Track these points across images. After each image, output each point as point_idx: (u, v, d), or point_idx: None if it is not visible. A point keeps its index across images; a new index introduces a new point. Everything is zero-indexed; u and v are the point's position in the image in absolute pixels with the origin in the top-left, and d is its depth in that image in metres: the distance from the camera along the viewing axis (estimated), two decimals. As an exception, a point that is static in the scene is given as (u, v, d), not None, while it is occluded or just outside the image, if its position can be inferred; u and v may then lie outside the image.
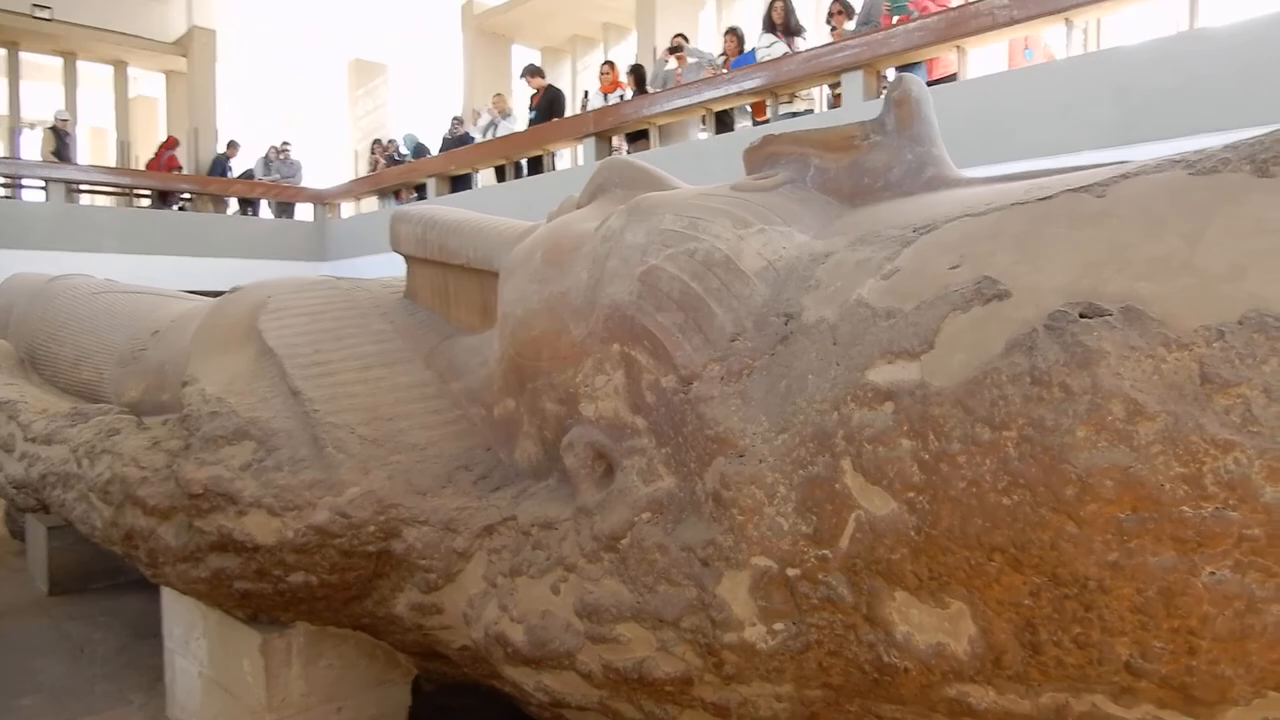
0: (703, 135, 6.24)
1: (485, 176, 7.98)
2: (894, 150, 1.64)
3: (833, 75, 5.33)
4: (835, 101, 5.52)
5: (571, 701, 1.77)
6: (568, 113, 7.00)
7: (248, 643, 2.34)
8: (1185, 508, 1.02)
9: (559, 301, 1.91)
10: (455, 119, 9.72)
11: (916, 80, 1.65)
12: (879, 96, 4.57)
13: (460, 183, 8.12)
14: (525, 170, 7.43)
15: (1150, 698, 1.12)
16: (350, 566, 2.05)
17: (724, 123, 6.05)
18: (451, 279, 2.60)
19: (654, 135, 6.40)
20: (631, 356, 1.70)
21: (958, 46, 5.06)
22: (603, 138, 6.30)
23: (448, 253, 2.56)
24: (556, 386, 1.90)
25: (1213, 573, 1.03)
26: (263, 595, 2.17)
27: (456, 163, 8.01)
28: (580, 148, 6.88)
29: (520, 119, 7.77)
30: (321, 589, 2.09)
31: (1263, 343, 1.00)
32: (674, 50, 7.00)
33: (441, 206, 2.80)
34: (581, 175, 6.15)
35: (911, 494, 1.24)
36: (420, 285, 2.69)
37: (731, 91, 5.72)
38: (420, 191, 8.62)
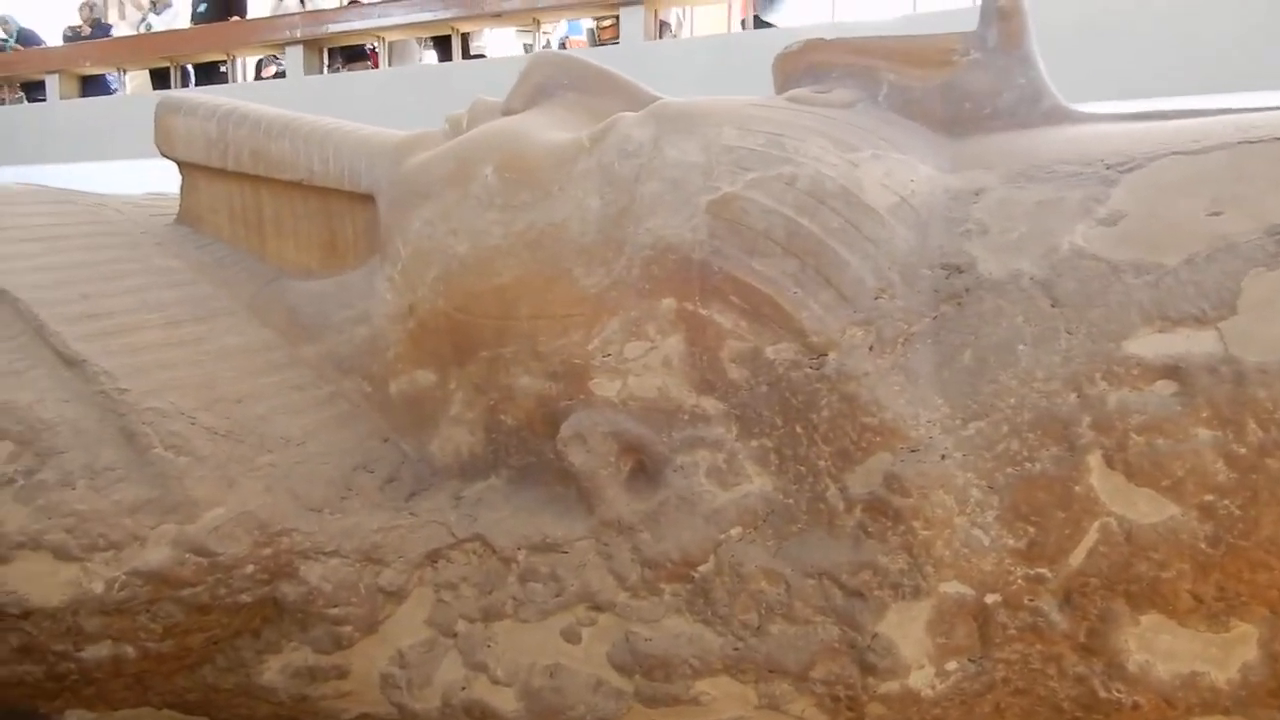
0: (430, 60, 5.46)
1: (136, 82, 6.25)
2: (1001, 71, 1.36)
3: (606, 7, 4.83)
4: (602, 37, 5.07)
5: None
6: (259, 12, 5.60)
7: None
8: None
9: (548, 237, 1.37)
10: (87, 3, 7.43)
11: (1020, -11, 1.38)
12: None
13: (93, 86, 6.27)
14: (193, 78, 5.94)
15: None
16: (202, 627, 1.34)
17: (446, 49, 5.27)
18: (271, 200, 1.84)
19: (384, 52, 5.40)
20: (700, 316, 1.25)
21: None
22: (313, 49, 5.17)
23: (268, 162, 1.80)
24: (544, 355, 1.37)
25: None
26: (22, 683, 1.36)
27: (96, 58, 6.10)
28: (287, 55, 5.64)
29: (182, 13, 6.12)
30: (139, 663, 1.35)
31: None
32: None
33: (228, 99, 2.00)
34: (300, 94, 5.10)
35: (1211, 497, 0.99)
36: (209, 207, 1.88)
37: (484, 12, 4.98)
38: (30, 92, 6.51)
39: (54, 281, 1.54)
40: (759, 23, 5.29)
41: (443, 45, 5.23)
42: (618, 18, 4.86)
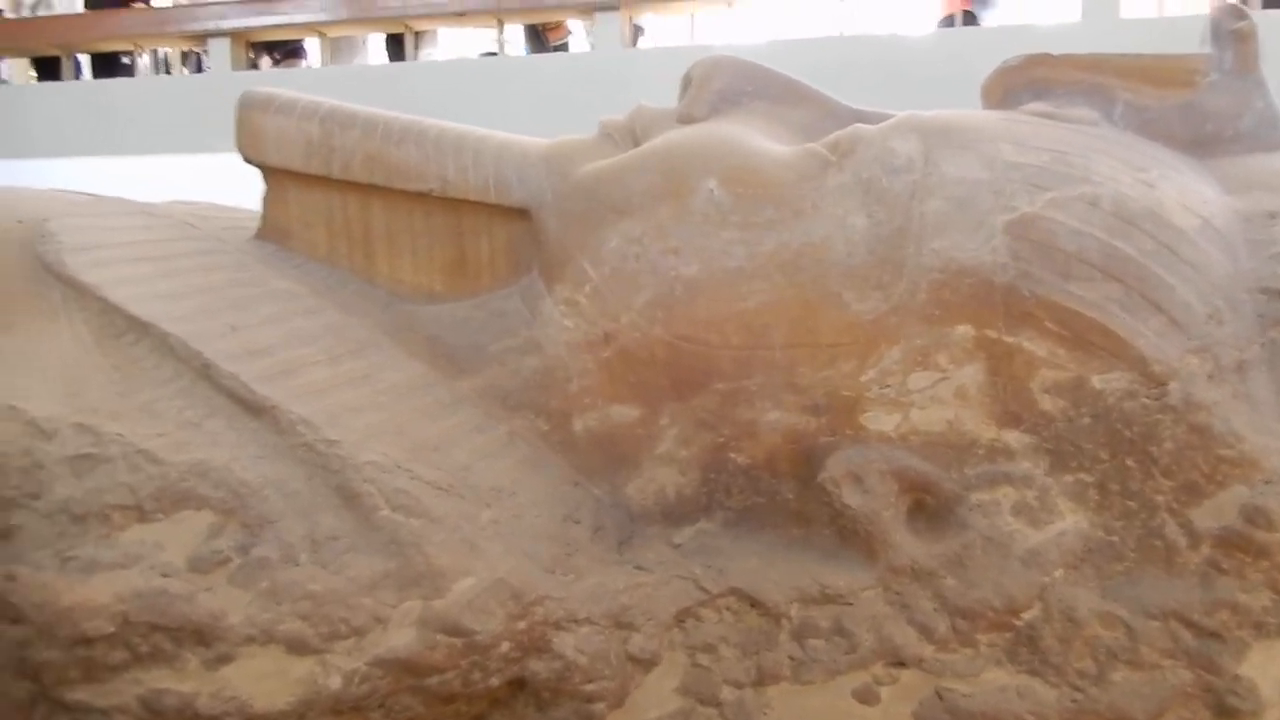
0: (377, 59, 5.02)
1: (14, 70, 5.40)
2: (1240, 94, 1.35)
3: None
4: (549, 37, 4.82)
5: None
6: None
7: None
8: None
9: (807, 258, 1.25)
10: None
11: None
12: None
13: None
14: (88, 68, 5.19)
15: None
16: (431, 719, 1.14)
17: (399, 46, 4.82)
18: (383, 213, 1.61)
19: (321, 48, 4.87)
20: (1006, 344, 1.16)
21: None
22: (241, 41, 4.62)
23: (387, 169, 1.57)
24: (802, 387, 1.26)
25: None
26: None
27: None
28: (211, 47, 5.03)
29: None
30: (353, 767, 1.14)
31: None
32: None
33: (319, 98, 1.76)
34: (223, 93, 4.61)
35: None
36: (302, 220, 1.63)
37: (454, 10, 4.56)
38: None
39: (192, 311, 1.29)
40: (969, 18, 5.09)
41: (395, 44, 4.85)
42: (562, 21, 4.70)
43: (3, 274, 1.29)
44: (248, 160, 1.66)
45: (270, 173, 1.64)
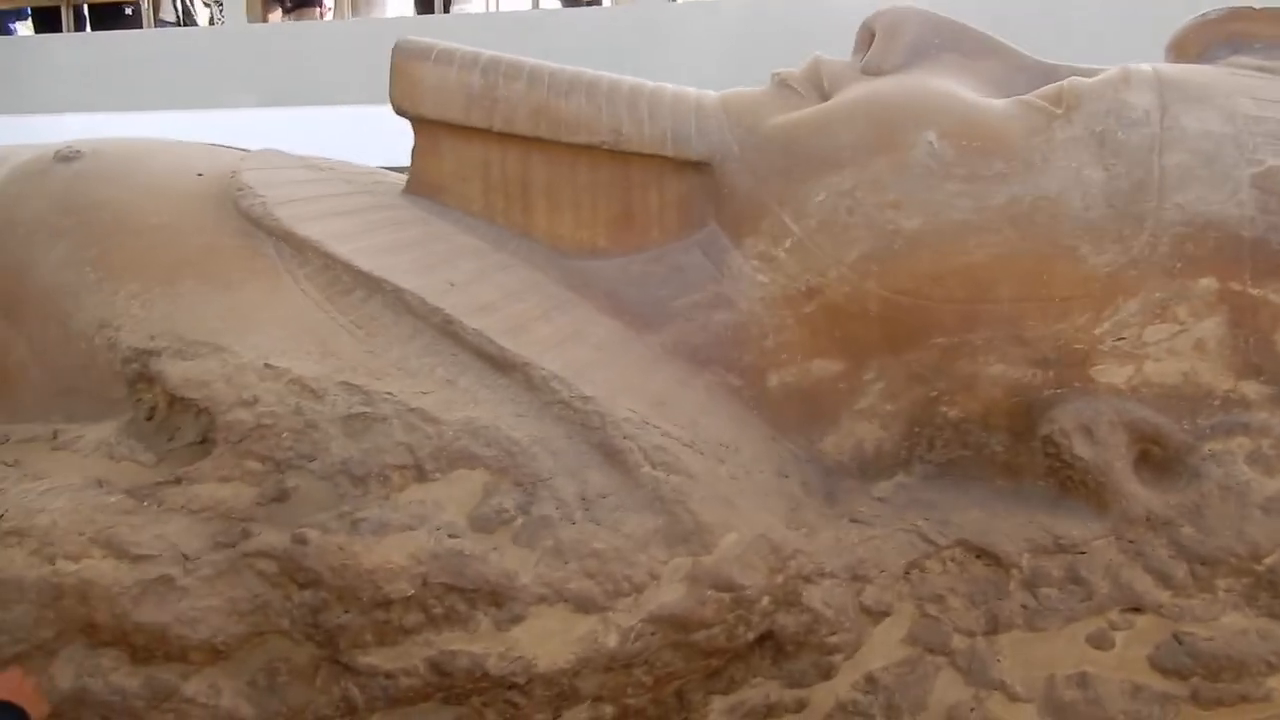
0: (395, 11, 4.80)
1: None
2: None
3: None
4: None
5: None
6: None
7: None
8: None
9: (1041, 212, 1.24)
10: None
11: None
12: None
13: None
14: (89, 19, 4.87)
15: None
16: (689, 674, 1.14)
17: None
18: (544, 167, 1.56)
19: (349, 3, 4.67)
20: (1251, 297, 1.17)
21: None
22: None
23: (553, 122, 1.52)
24: (1030, 340, 1.26)
25: None
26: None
27: None
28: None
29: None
30: (605, 724, 1.13)
31: None
32: None
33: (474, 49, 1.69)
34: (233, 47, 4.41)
35: None
36: (456, 174, 1.56)
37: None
38: None
39: (411, 266, 1.24)
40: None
41: None
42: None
43: (205, 228, 1.23)
44: (400, 112, 1.59)
45: (422, 125, 1.58)
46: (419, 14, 4.61)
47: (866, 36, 1.54)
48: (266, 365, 1.03)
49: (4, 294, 1.23)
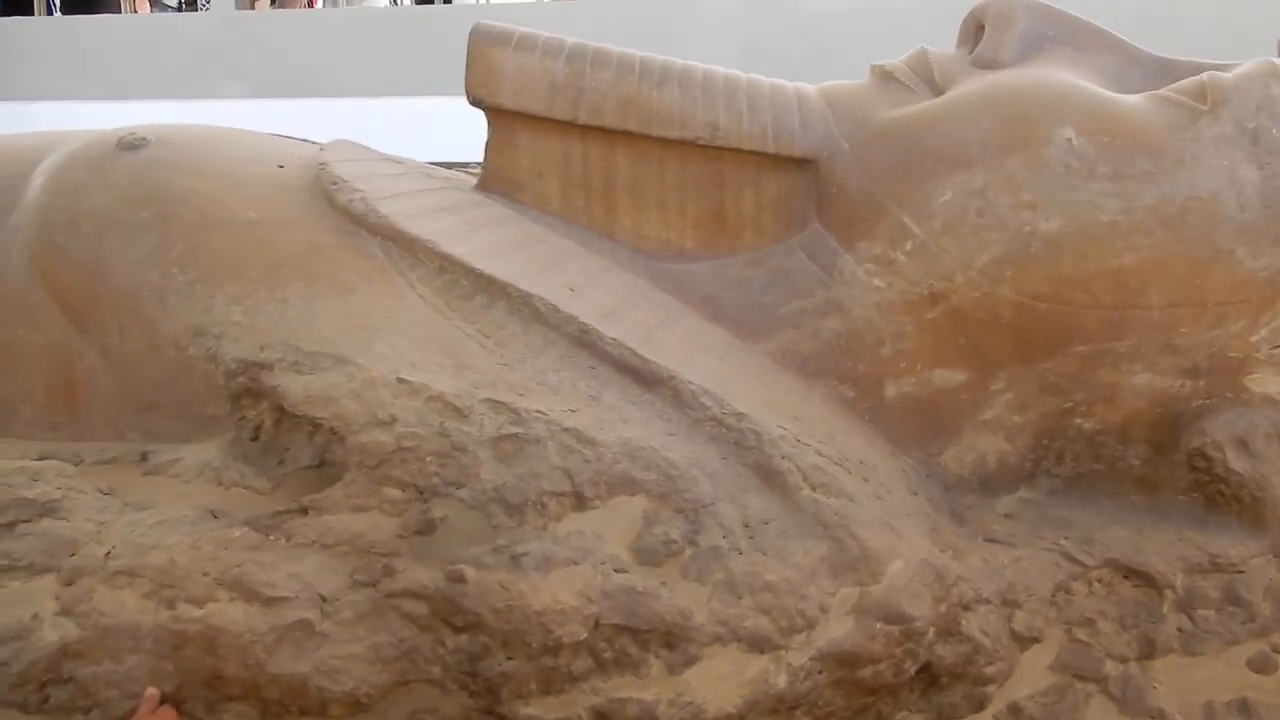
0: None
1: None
2: None
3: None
4: None
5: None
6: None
7: None
8: None
9: (1194, 213, 1.18)
10: None
11: None
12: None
13: None
14: (59, 3, 4.59)
15: None
16: (842, 712, 1.05)
17: None
18: (628, 163, 1.45)
19: None
20: None
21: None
22: None
23: (643, 114, 1.41)
24: (1181, 348, 1.19)
25: None
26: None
27: None
28: None
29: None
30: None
31: None
32: None
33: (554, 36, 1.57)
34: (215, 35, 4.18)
35: None
36: (532, 170, 1.45)
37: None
38: None
39: (524, 268, 1.14)
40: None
41: None
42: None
43: (301, 225, 1.11)
44: (476, 101, 1.48)
45: (498, 116, 1.47)
46: (418, 3, 4.46)
47: (972, 28, 1.47)
48: (400, 379, 0.92)
49: (73, 297, 1.10)
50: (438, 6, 4.27)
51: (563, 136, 1.44)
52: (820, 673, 0.98)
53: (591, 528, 0.91)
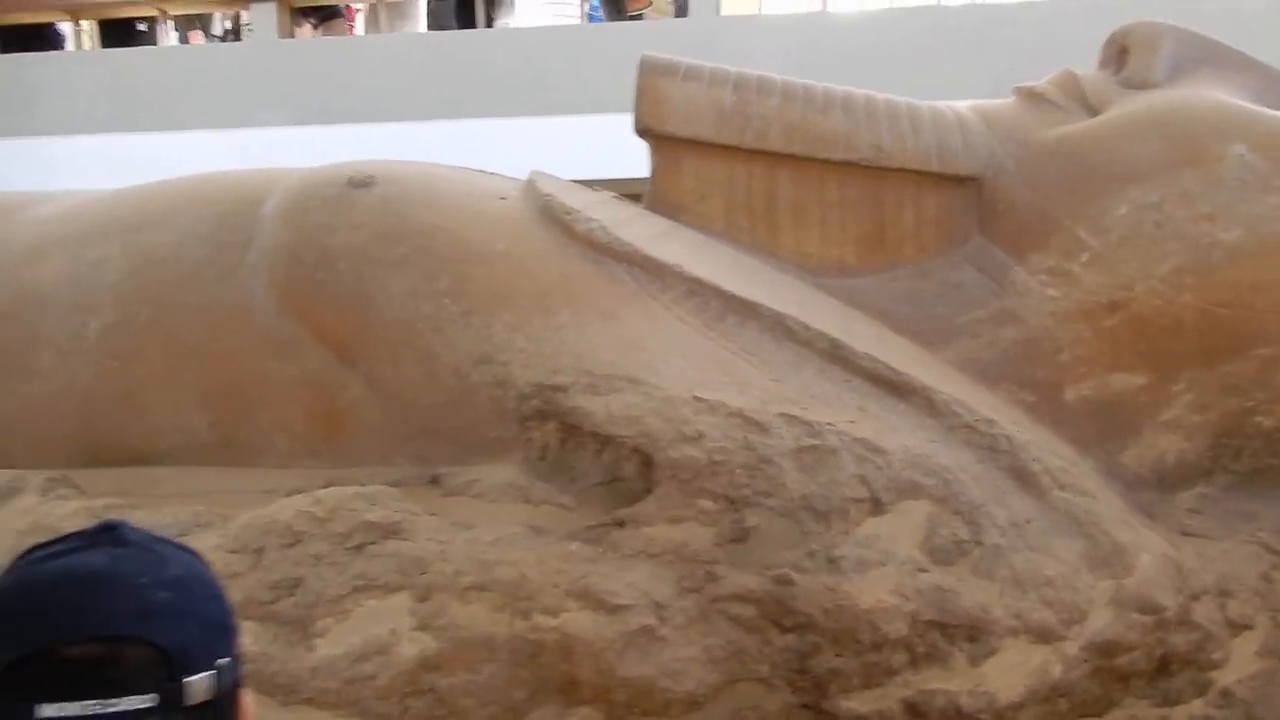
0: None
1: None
2: None
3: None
4: (630, 6, 4.53)
5: None
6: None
7: None
8: None
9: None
10: None
11: None
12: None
13: None
14: (97, 36, 4.55)
15: None
16: (1093, 701, 1.12)
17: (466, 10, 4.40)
18: (791, 184, 1.53)
19: (380, 15, 4.43)
20: None
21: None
22: (287, 6, 4.17)
23: (809, 138, 1.50)
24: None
25: None
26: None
27: None
28: (245, 13, 4.48)
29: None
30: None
31: None
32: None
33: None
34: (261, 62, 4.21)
35: None
36: (696, 193, 1.52)
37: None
38: None
39: (750, 286, 1.20)
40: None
41: (464, 9, 4.46)
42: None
43: (549, 254, 1.17)
44: (644, 130, 1.55)
45: (663, 143, 1.54)
46: (460, 28, 4.51)
47: (1115, 51, 1.56)
48: (696, 398, 0.98)
49: (335, 331, 1.14)
50: (479, 31, 4.33)
51: (726, 161, 1.52)
52: (1086, 662, 1.04)
53: (885, 531, 0.97)
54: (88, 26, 4.58)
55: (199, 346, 1.22)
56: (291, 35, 4.39)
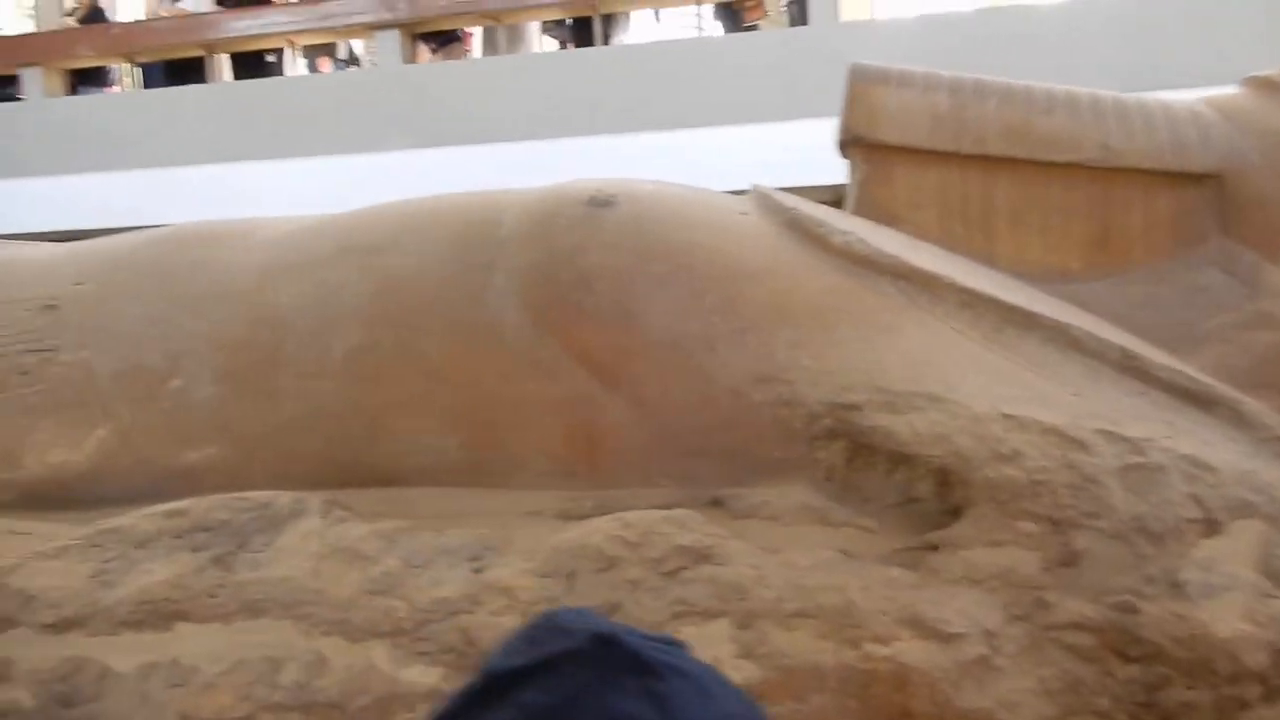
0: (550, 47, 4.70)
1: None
2: None
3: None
4: (747, 17, 4.52)
5: None
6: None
7: None
8: None
9: None
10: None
11: None
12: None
13: (91, 78, 4.84)
14: (230, 70, 4.78)
15: None
16: None
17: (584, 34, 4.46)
18: (1008, 189, 1.47)
19: (501, 38, 4.51)
20: None
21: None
22: (408, 32, 4.28)
23: (1031, 141, 1.44)
24: None
25: None
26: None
27: (102, 46, 4.56)
28: (363, 43, 4.64)
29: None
30: None
31: None
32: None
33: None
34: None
35: None
36: (909, 201, 1.47)
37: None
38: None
39: (1011, 296, 1.15)
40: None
41: (581, 28, 4.49)
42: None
43: (808, 267, 1.14)
44: (854, 139, 1.51)
45: (873, 152, 1.50)
46: (578, 46, 4.55)
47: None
48: (1004, 415, 0.93)
49: (599, 352, 1.13)
50: (599, 48, 4.35)
51: (939, 168, 1.47)
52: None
53: (1220, 552, 0.91)
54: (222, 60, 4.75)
55: (448, 368, 1.22)
56: (413, 61, 4.48)
